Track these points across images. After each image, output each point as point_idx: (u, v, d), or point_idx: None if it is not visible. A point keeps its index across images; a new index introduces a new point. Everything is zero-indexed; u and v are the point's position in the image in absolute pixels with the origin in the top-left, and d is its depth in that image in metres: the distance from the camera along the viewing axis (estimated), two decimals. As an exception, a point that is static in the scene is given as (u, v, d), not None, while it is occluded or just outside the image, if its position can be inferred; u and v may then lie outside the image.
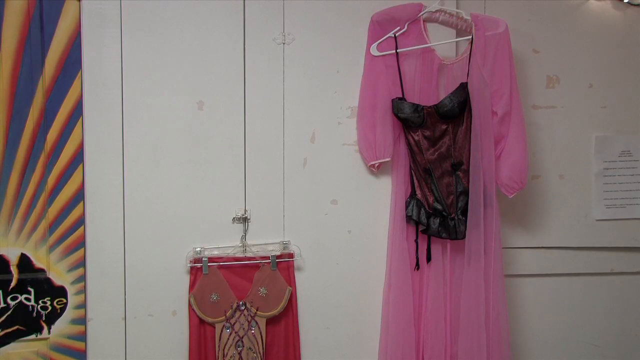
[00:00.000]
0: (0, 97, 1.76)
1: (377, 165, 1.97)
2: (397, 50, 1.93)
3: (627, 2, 2.11)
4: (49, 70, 1.79)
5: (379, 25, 1.94)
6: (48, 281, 1.84)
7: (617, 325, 2.23)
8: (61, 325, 1.85)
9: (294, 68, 1.94)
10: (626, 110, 2.15)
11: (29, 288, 1.83)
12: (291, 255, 1.96)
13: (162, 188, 1.89)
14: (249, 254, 1.94)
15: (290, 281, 1.95)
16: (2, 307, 1.81)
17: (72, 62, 1.80)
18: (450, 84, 1.96)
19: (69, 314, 1.86)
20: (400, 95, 1.93)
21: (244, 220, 1.94)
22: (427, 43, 1.95)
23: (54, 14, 1.78)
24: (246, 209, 1.94)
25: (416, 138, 1.94)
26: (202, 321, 1.90)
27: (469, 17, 1.94)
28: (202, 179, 1.91)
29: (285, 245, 1.96)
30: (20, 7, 1.75)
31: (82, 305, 1.87)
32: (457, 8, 1.99)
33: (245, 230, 1.95)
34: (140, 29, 1.85)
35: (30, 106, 1.78)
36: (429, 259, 1.98)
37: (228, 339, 1.90)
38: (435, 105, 1.91)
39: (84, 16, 1.81)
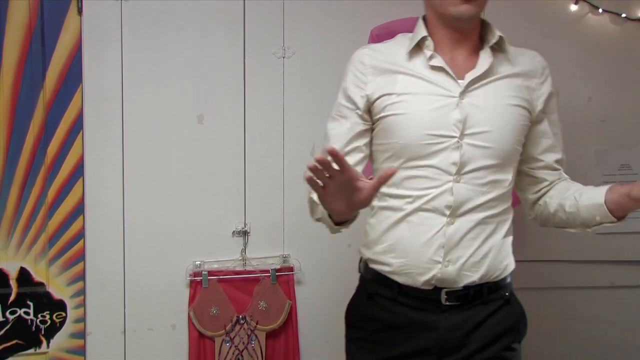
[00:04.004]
0: (1, 111, 1.77)
1: (376, 178, 1.97)
2: (397, 64, 1.94)
3: (625, 17, 2.11)
4: (50, 84, 1.79)
5: (379, 39, 1.94)
6: (47, 295, 1.83)
7: (618, 339, 2.22)
8: (60, 339, 1.85)
9: (294, 82, 1.95)
10: (625, 124, 2.14)
11: (28, 302, 1.82)
12: (291, 269, 1.96)
13: (162, 201, 1.89)
14: (248, 268, 1.93)
15: (290, 295, 1.95)
16: (1, 321, 1.80)
17: (72, 76, 1.81)
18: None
19: (68, 327, 1.85)
20: (400, 109, 1.93)
21: (244, 233, 1.94)
22: (426, 57, 1.95)
23: (55, 29, 1.79)
24: (246, 222, 1.94)
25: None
26: (201, 335, 1.89)
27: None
28: (202, 192, 1.91)
29: (285, 258, 1.96)
30: (22, 22, 1.76)
31: (82, 319, 1.86)
32: (456, 22, 2.00)
33: (245, 244, 1.94)
34: (141, 43, 1.86)
35: (31, 120, 1.79)
36: (429, 272, 1.97)
37: (228, 352, 1.89)
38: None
39: (84, 31, 1.82)
